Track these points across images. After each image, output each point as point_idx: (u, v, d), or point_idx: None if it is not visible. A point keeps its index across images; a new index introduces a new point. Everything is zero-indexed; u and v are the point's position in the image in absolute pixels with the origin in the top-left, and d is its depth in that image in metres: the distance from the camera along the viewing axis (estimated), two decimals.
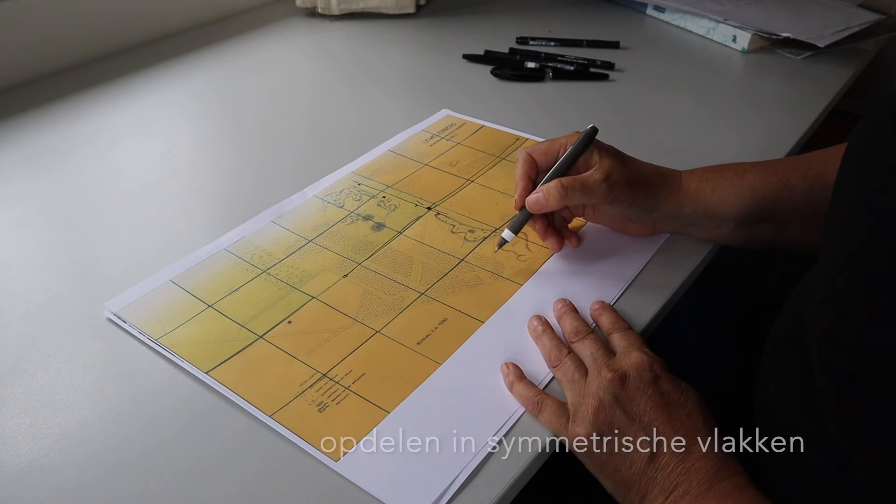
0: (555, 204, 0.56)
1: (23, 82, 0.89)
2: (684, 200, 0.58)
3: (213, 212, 0.69)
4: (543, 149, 0.59)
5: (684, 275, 0.59)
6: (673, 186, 0.58)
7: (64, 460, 0.45)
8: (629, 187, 0.56)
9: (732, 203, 0.57)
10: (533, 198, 0.57)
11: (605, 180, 0.55)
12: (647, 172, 0.58)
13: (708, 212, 0.58)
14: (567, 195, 0.55)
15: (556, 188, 0.55)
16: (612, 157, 0.57)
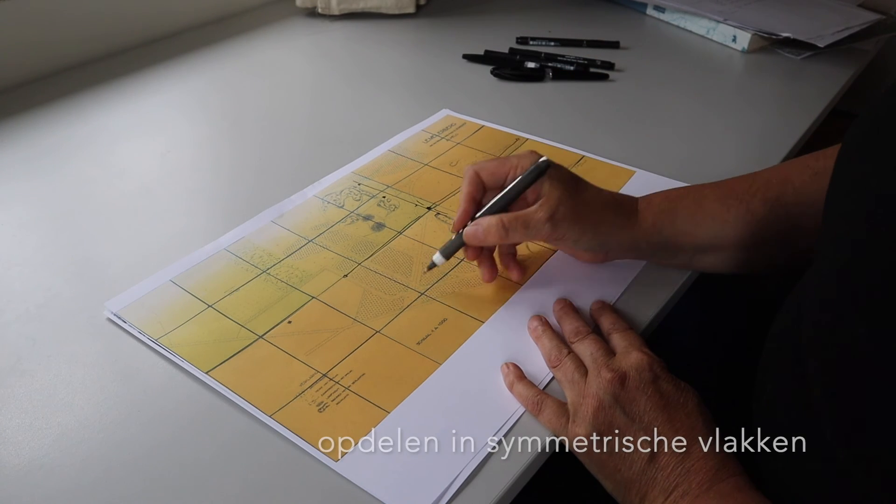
0: (493, 241, 0.53)
1: (23, 82, 0.89)
2: (639, 235, 0.55)
3: (213, 212, 0.69)
4: (492, 168, 0.55)
5: (684, 275, 0.59)
6: (627, 221, 0.55)
7: (64, 460, 0.45)
8: (575, 225, 0.53)
9: (691, 233, 0.55)
10: (471, 231, 0.54)
11: (549, 220, 0.52)
12: (599, 206, 0.54)
13: (665, 244, 0.56)
14: (507, 235, 0.52)
15: (497, 226, 0.52)
16: (562, 189, 0.53)
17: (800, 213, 0.54)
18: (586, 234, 0.54)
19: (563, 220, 0.52)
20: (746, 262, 0.57)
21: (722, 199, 0.55)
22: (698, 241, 0.56)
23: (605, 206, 0.55)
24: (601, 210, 0.54)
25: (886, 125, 0.40)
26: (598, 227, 0.54)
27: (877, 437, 0.35)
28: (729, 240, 0.55)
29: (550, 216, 0.52)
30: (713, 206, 0.55)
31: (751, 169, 0.68)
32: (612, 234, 0.55)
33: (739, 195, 0.55)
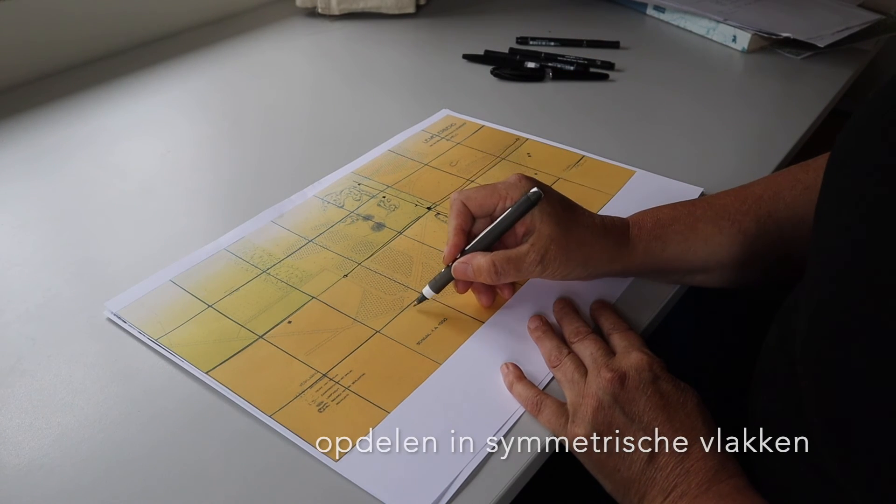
0: (484, 281, 0.53)
1: (23, 82, 0.89)
2: (629, 263, 0.55)
3: (213, 212, 0.69)
4: (480, 199, 0.54)
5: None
6: (617, 253, 0.54)
7: (64, 460, 0.45)
8: (565, 265, 0.52)
9: (682, 258, 0.55)
10: (461, 269, 0.53)
11: (540, 262, 0.51)
12: (590, 240, 0.53)
13: (656, 269, 0.56)
14: (498, 276, 0.52)
15: (488, 269, 0.52)
16: (553, 225, 0.52)
17: (792, 228, 0.54)
18: (576, 270, 0.53)
19: (553, 260, 0.52)
20: (739, 279, 0.57)
21: (714, 221, 0.55)
22: (690, 265, 0.55)
23: (596, 241, 0.53)
24: (592, 245, 0.53)
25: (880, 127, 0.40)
26: (588, 263, 0.53)
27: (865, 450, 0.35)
28: (721, 261, 0.55)
29: (541, 258, 0.51)
30: (705, 229, 0.55)
31: (750, 169, 0.68)
32: (602, 267, 0.54)
33: (732, 215, 0.55)
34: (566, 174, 0.71)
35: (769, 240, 0.54)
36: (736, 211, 0.55)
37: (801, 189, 0.54)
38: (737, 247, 0.54)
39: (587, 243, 0.53)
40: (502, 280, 0.52)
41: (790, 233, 0.54)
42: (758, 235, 0.54)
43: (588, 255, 0.53)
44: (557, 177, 0.71)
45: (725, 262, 0.55)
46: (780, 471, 0.44)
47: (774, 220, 0.54)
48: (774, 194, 0.55)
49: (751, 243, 0.54)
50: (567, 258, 0.52)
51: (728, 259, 0.55)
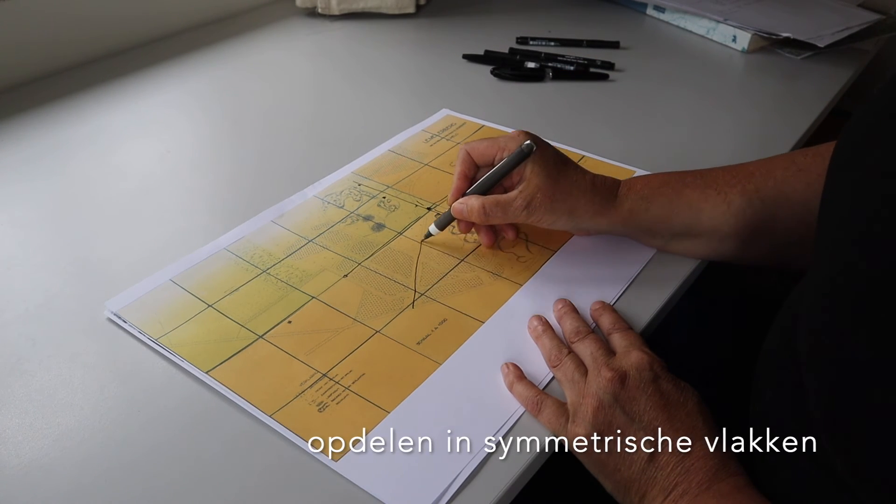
0: (475, 221, 0.58)
1: (23, 82, 0.89)
2: (614, 220, 0.57)
3: (213, 211, 0.69)
4: (482, 149, 0.59)
5: (684, 275, 0.59)
6: (602, 208, 0.57)
7: (64, 460, 0.45)
8: (550, 212, 0.56)
9: (667, 219, 0.57)
10: (457, 208, 0.59)
11: (525, 207, 0.56)
12: (577, 193, 0.56)
13: (641, 228, 0.58)
14: (487, 217, 0.57)
15: (479, 209, 0.57)
16: (543, 176, 0.56)
17: (778, 207, 0.55)
18: (560, 219, 0.57)
19: (539, 207, 0.56)
20: (721, 250, 0.58)
21: (701, 189, 0.57)
22: (673, 228, 0.58)
23: (582, 194, 0.56)
24: (578, 197, 0.56)
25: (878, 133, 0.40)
26: (573, 214, 0.57)
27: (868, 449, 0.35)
28: (703, 228, 0.57)
29: (527, 204, 0.56)
30: (691, 195, 0.57)
31: None
32: (587, 220, 0.57)
33: (719, 185, 0.57)
34: None
35: (753, 214, 0.55)
36: (724, 182, 0.56)
37: (795, 170, 0.55)
38: (720, 216, 0.56)
39: (573, 195, 0.56)
40: (490, 220, 0.57)
41: (775, 210, 0.55)
42: (742, 208, 0.55)
43: (573, 207, 0.56)
44: None
45: (708, 230, 0.57)
46: (782, 470, 0.44)
47: (761, 196, 0.55)
48: (766, 172, 0.56)
49: (734, 214, 0.56)
50: (552, 207, 0.56)
51: (711, 227, 0.57)
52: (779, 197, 0.55)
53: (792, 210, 0.53)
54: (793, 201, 0.53)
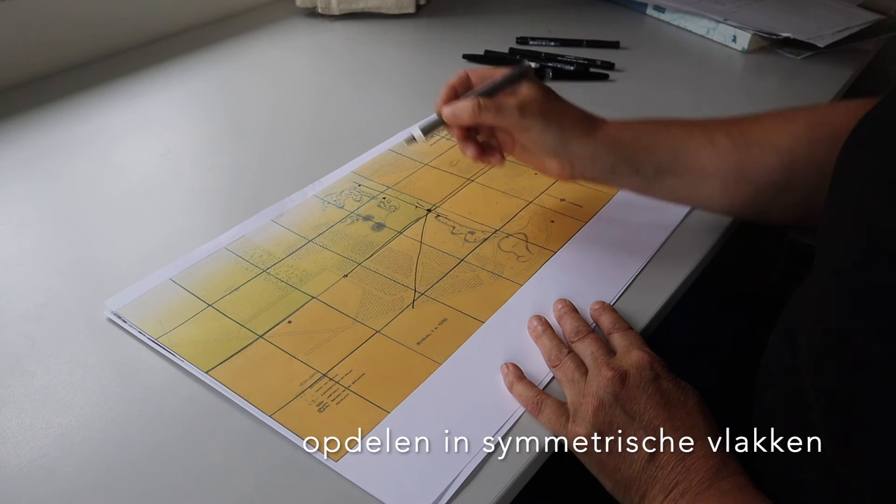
0: (466, 118, 0.56)
1: (23, 82, 0.89)
2: (600, 143, 0.57)
3: (213, 211, 0.69)
4: (481, 73, 0.60)
5: (684, 275, 0.59)
6: (591, 128, 0.58)
7: (64, 460, 0.45)
8: (542, 119, 0.56)
9: (651, 150, 0.57)
10: (448, 109, 0.57)
11: (519, 107, 0.56)
12: (569, 112, 0.58)
13: (625, 156, 0.57)
14: (480, 113, 0.56)
15: (472, 104, 0.56)
16: (538, 90, 0.57)
17: (762, 152, 0.56)
18: (551, 128, 0.56)
19: (532, 112, 0.56)
20: (704, 193, 0.58)
21: (687, 127, 0.58)
22: (657, 159, 0.57)
23: (573, 113, 0.58)
24: (569, 115, 0.58)
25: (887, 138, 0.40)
26: (563, 129, 0.56)
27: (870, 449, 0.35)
28: (687, 164, 0.57)
29: (521, 105, 0.56)
30: (677, 131, 0.58)
31: None
32: (575, 137, 0.57)
33: (705, 126, 0.58)
34: None
35: (737, 156, 0.56)
36: (711, 124, 0.58)
37: (782, 122, 0.57)
38: (704, 154, 0.56)
39: (565, 112, 0.58)
40: (483, 118, 0.56)
41: (760, 155, 0.56)
42: (727, 149, 0.56)
43: (564, 121, 0.57)
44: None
45: (692, 168, 0.57)
46: (784, 469, 0.44)
47: (745, 139, 0.56)
48: (754, 119, 0.58)
49: (718, 154, 0.56)
50: (545, 116, 0.56)
51: (694, 165, 0.57)
52: (764, 142, 0.56)
53: (777, 157, 0.54)
54: (778, 148, 0.54)
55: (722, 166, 0.56)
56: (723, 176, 0.57)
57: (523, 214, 0.66)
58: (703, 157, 0.56)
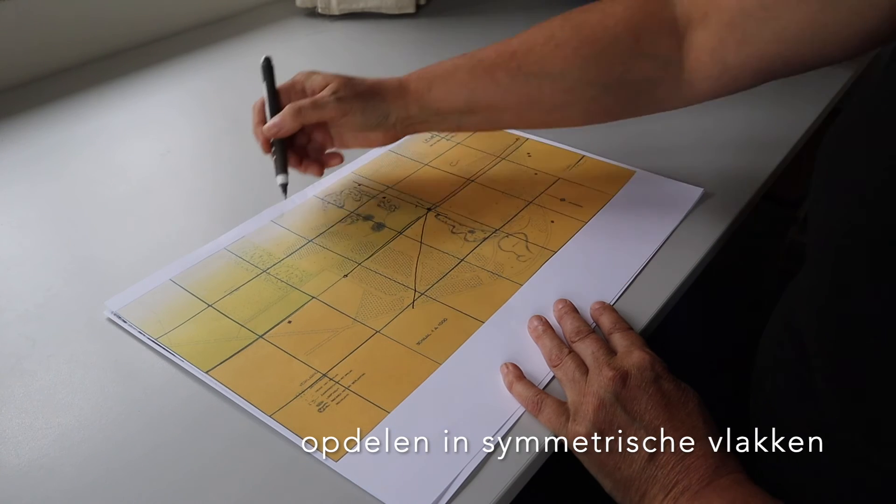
0: (290, 124, 0.60)
1: (23, 82, 0.89)
2: (409, 101, 0.62)
3: (213, 211, 0.69)
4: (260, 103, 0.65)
5: (684, 275, 0.59)
6: (396, 91, 0.62)
7: (64, 460, 0.45)
8: (358, 99, 0.61)
9: (447, 99, 0.62)
10: (269, 123, 0.61)
11: (334, 95, 0.60)
12: (371, 84, 0.63)
13: (430, 109, 0.62)
14: (301, 114, 0.60)
15: (290, 110, 0.60)
16: (337, 76, 0.62)
17: (541, 80, 0.60)
18: (369, 104, 0.61)
19: (347, 96, 0.60)
20: (505, 121, 0.66)
21: (470, 71, 0.62)
22: (456, 106, 0.62)
23: (375, 84, 0.63)
24: (374, 87, 0.62)
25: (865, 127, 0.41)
26: (376, 98, 0.61)
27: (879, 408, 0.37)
28: (482, 104, 0.62)
29: (335, 93, 0.60)
30: (463, 77, 0.62)
31: (752, 168, 0.68)
32: (389, 103, 0.62)
33: (486, 66, 0.61)
34: (566, 174, 0.71)
35: (519, 89, 0.61)
36: (490, 63, 0.61)
37: (553, 46, 0.60)
38: (492, 94, 0.61)
39: (372, 87, 0.62)
40: (306, 118, 0.60)
41: (539, 83, 0.61)
42: (509, 85, 0.61)
43: (374, 94, 0.62)
44: (557, 177, 0.71)
45: (486, 106, 0.62)
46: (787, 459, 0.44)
47: (524, 71, 0.60)
48: (528, 49, 0.61)
49: (504, 91, 0.61)
50: (360, 97, 0.61)
51: (487, 103, 0.62)
52: (540, 72, 0.60)
53: (553, 83, 0.60)
54: (553, 74, 0.60)
55: (508, 100, 0.62)
56: (512, 107, 0.62)
57: (523, 214, 0.66)
58: (490, 95, 0.61)
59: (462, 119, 0.64)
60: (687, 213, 0.65)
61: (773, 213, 1.16)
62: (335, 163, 0.65)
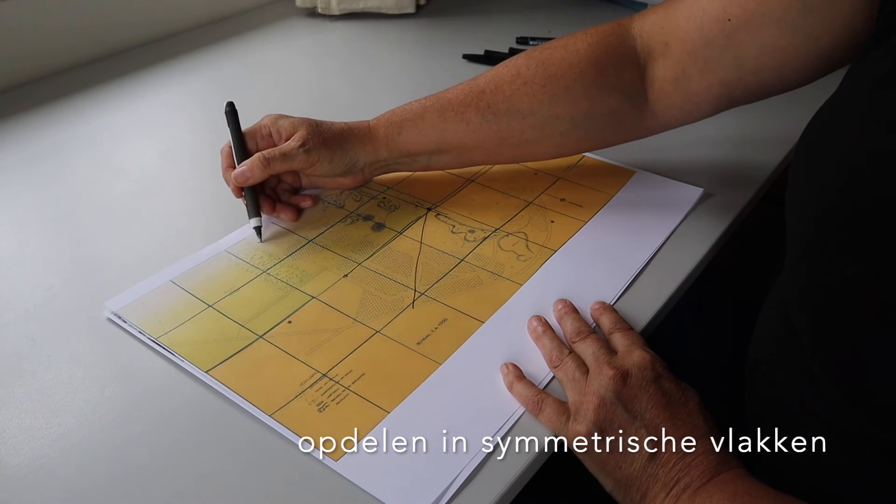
0: (259, 174, 0.61)
1: (23, 82, 0.89)
2: (378, 147, 0.64)
3: (213, 211, 0.69)
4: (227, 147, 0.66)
5: (684, 275, 0.59)
6: (365, 137, 0.64)
7: (64, 460, 0.45)
8: (325, 149, 0.62)
9: (418, 142, 0.64)
10: (238, 171, 0.62)
11: (302, 146, 0.61)
12: (339, 131, 0.64)
13: (401, 152, 0.64)
14: (270, 165, 0.61)
15: (259, 160, 0.61)
16: (304, 124, 0.63)
17: (510, 118, 0.62)
18: (336, 154, 0.63)
19: (315, 146, 0.62)
20: (475, 158, 0.67)
21: (440, 112, 0.63)
22: (426, 148, 0.64)
23: (344, 131, 0.64)
24: (341, 134, 0.63)
25: None
26: (344, 146, 0.63)
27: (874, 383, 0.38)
28: (453, 143, 0.64)
29: (303, 144, 0.61)
30: (433, 118, 0.63)
31: (752, 168, 0.68)
32: (358, 151, 0.64)
33: (455, 107, 0.63)
34: (566, 174, 0.71)
35: (489, 127, 0.63)
36: (459, 104, 0.63)
37: (521, 83, 0.62)
38: (462, 133, 0.63)
39: (338, 133, 0.63)
40: (274, 168, 0.61)
41: (508, 121, 0.62)
42: (479, 124, 0.63)
43: (342, 142, 0.63)
44: (557, 176, 0.71)
45: (456, 146, 0.64)
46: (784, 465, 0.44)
47: (493, 110, 0.62)
48: (496, 88, 0.62)
49: (474, 131, 0.63)
50: (327, 147, 0.62)
51: (457, 143, 0.64)
52: (509, 110, 0.62)
53: (523, 120, 0.62)
54: (522, 112, 0.61)
55: (479, 138, 0.63)
56: (482, 145, 0.64)
57: (523, 214, 0.66)
58: (460, 135, 0.63)
59: (431, 159, 0.66)
60: (687, 213, 0.65)
61: (773, 213, 1.16)
62: (307, 205, 0.67)
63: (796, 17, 0.51)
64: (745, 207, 0.67)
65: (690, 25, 0.56)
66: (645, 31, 0.60)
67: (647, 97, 0.61)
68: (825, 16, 0.50)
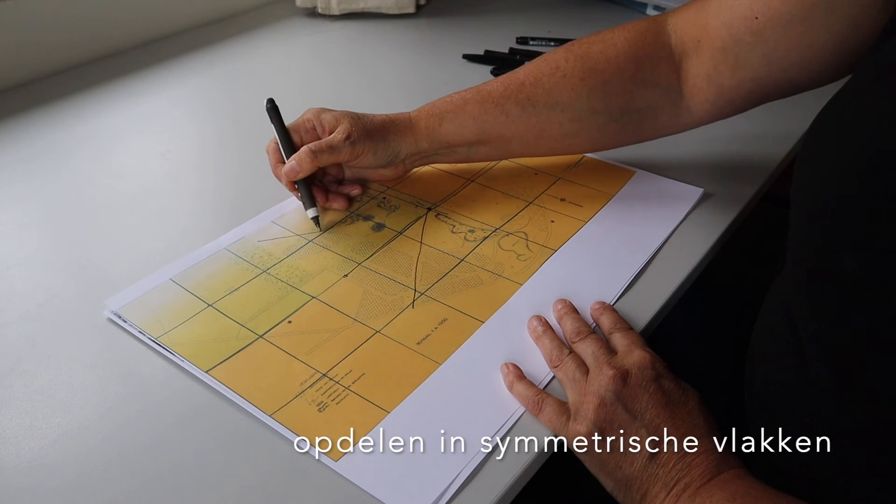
0: (308, 167, 0.62)
1: (23, 82, 0.89)
2: (419, 138, 0.65)
3: (214, 211, 0.69)
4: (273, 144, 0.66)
5: (684, 275, 0.59)
6: (406, 129, 0.65)
7: (64, 460, 0.45)
8: (370, 140, 0.63)
9: (458, 133, 0.64)
10: (288, 166, 0.63)
11: (347, 139, 0.62)
12: (380, 122, 0.65)
13: (441, 143, 0.65)
14: (317, 158, 0.62)
15: (306, 153, 0.62)
16: (348, 117, 0.64)
17: (549, 110, 0.63)
18: (379, 146, 0.63)
19: (359, 138, 0.62)
20: (513, 150, 0.68)
21: (480, 104, 0.64)
22: (466, 139, 0.65)
23: (384, 123, 0.65)
24: (383, 126, 0.64)
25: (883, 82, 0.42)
26: (387, 138, 0.64)
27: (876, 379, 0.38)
28: (491, 135, 0.65)
29: (348, 136, 0.62)
30: (473, 110, 0.64)
31: (752, 168, 0.68)
32: (400, 142, 0.64)
33: (495, 99, 0.64)
34: (566, 174, 0.71)
35: (528, 119, 0.63)
36: (500, 95, 0.64)
37: (560, 76, 0.63)
38: (501, 125, 0.64)
39: (379, 125, 0.64)
40: (321, 160, 0.62)
41: (548, 114, 0.63)
42: (519, 116, 0.63)
43: (385, 133, 0.64)
44: (557, 176, 0.71)
45: (495, 137, 0.65)
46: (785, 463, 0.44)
47: (532, 102, 0.63)
48: (535, 80, 0.63)
49: (513, 122, 0.64)
50: (371, 139, 0.63)
51: (497, 134, 0.65)
52: (549, 102, 0.63)
53: (562, 112, 0.63)
54: (562, 105, 0.62)
55: (518, 131, 0.64)
56: (521, 137, 0.65)
57: (523, 214, 0.66)
58: (500, 127, 0.64)
59: (471, 150, 0.66)
60: (687, 213, 0.65)
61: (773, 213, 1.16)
62: (356, 193, 0.68)
63: (822, 14, 0.51)
64: (746, 207, 0.67)
65: (719, 23, 0.57)
66: (679, 27, 0.61)
67: (682, 93, 0.61)
68: (850, 14, 0.50)
